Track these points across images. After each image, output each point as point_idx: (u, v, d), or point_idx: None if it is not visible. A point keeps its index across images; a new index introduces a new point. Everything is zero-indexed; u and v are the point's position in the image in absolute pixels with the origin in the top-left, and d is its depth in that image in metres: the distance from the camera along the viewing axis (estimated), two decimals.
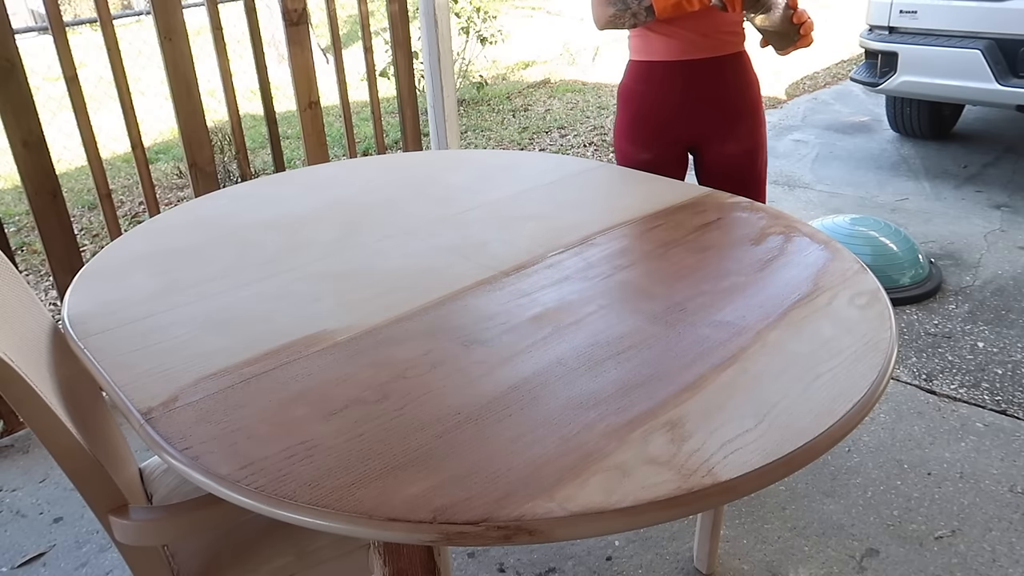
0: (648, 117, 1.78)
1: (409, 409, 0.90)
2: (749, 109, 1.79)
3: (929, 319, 2.57)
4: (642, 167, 1.83)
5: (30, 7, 10.39)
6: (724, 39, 1.72)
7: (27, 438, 2.19)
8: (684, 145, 1.82)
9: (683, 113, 1.76)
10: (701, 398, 0.91)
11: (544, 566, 1.69)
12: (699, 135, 1.79)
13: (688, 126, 1.78)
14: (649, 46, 1.75)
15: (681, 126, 1.78)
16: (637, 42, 1.77)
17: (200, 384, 0.97)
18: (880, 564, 1.65)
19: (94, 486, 0.99)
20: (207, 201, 1.63)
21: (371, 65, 2.66)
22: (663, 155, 1.81)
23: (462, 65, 6.27)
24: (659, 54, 1.74)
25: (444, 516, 0.74)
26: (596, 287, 1.18)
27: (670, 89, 1.75)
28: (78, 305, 1.20)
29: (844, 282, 1.16)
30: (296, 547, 1.15)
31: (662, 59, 1.74)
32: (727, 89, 1.76)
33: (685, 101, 1.75)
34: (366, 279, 1.24)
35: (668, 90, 1.75)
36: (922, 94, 3.75)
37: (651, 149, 1.81)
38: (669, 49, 1.72)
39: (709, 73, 1.74)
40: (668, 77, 1.74)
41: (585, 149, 4.76)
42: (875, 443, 2.00)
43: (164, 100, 6.36)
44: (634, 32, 1.77)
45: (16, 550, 1.80)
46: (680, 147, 1.82)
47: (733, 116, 1.78)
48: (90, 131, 2.12)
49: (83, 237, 3.83)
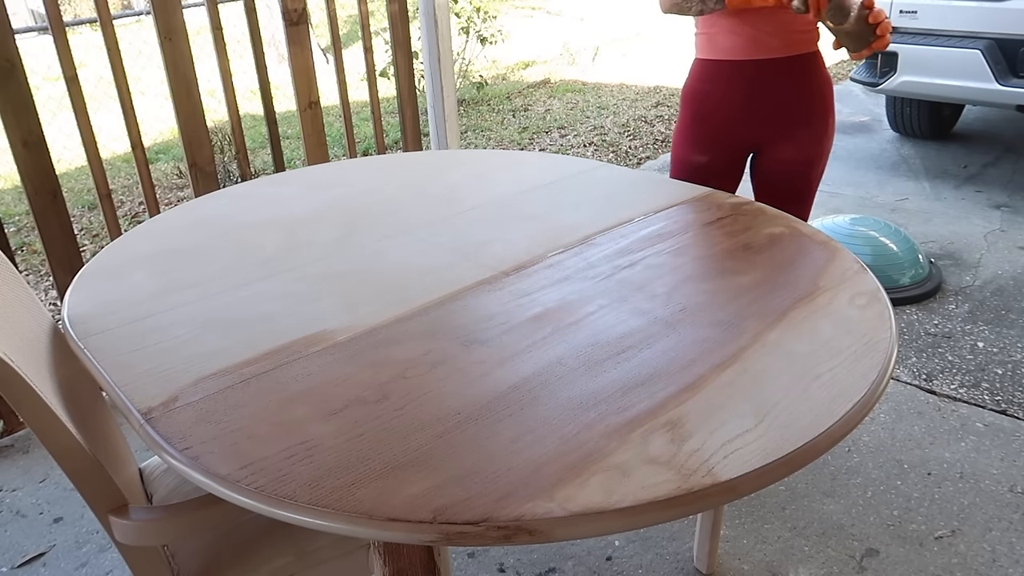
0: (709, 118, 1.72)
1: (409, 409, 0.90)
2: (819, 114, 1.70)
3: (929, 319, 2.57)
4: (696, 172, 1.76)
5: (30, 7, 10.39)
6: (796, 38, 1.64)
7: (27, 438, 2.19)
8: (744, 149, 1.75)
9: (747, 115, 1.69)
10: (701, 398, 0.91)
11: (544, 566, 1.69)
12: (761, 139, 1.72)
13: (750, 129, 1.71)
14: (715, 44, 1.67)
15: (743, 128, 1.71)
16: (703, 40, 1.70)
17: (200, 384, 0.97)
18: (880, 564, 1.65)
19: (94, 486, 0.98)
20: (207, 201, 1.63)
21: (371, 65, 2.66)
22: (719, 159, 1.74)
23: (462, 65, 6.27)
24: (725, 52, 1.66)
25: (444, 516, 0.74)
26: (596, 287, 1.18)
27: (735, 89, 1.67)
28: (78, 305, 1.20)
29: (844, 282, 1.16)
30: (296, 547, 1.15)
31: (728, 58, 1.66)
32: (797, 91, 1.67)
33: (750, 102, 1.68)
34: (366, 279, 1.24)
35: (733, 90, 1.68)
36: (922, 94, 3.75)
37: (707, 152, 1.74)
38: (736, 47, 1.64)
39: (778, 74, 1.65)
40: (734, 76, 1.67)
41: (585, 149, 4.76)
42: (875, 443, 2.00)
43: (164, 100, 6.36)
44: (700, 29, 1.70)
45: (16, 550, 1.80)
46: (739, 151, 1.75)
47: (799, 121, 1.69)
48: (90, 131, 2.12)
49: (83, 237, 3.83)
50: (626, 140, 4.88)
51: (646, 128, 5.10)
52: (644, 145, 4.77)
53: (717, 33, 1.66)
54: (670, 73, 6.66)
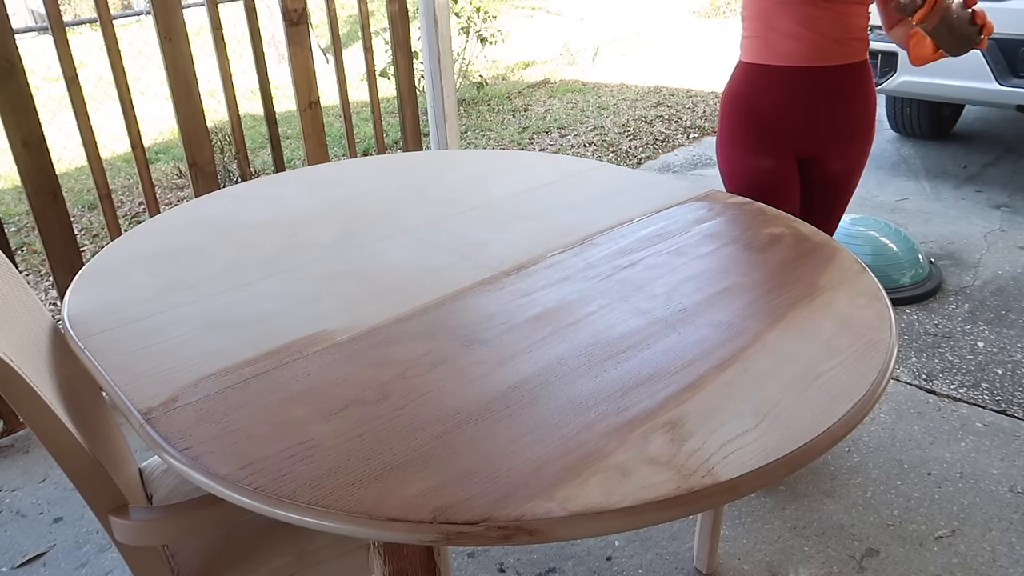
0: (766, 124, 1.63)
1: (409, 409, 0.90)
2: (868, 125, 1.66)
3: (929, 319, 2.57)
4: (765, 177, 1.66)
5: (30, 7, 10.39)
6: (853, 45, 1.57)
7: (27, 438, 2.19)
8: (799, 156, 1.68)
9: (804, 123, 1.62)
10: (701, 398, 0.91)
11: (544, 566, 1.69)
12: (814, 148, 1.66)
13: (807, 137, 1.64)
14: (771, 47, 1.59)
15: (800, 136, 1.64)
16: (756, 43, 1.62)
17: (200, 384, 0.97)
18: (880, 564, 1.65)
19: (94, 486, 0.98)
20: (207, 201, 1.63)
21: (371, 65, 2.66)
22: (786, 164, 1.66)
23: (462, 65, 6.27)
24: (782, 57, 1.58)
25: (444, 516, 0.74)
26: (596, 287, 1.18)
27: (794, 96, 1.60)
28: (78, 305, 1.20)
29: (844, 282, 1.16)
30: (296, 547, 1.15)
31: (787, 63, 1.58)
32: (851, 102, 1.61)
33: (809, 111, 1.61)
34: (366, 279, 1.24)
35: (791, 97, 1.60)
36: (922, 94, 3.75)
37: (773, 156, 1.65)
38: (797, 52, 1.57)
39: (836, 82, 1.59)
40: (791, 83, 1.59)
41: (585, 149, 4.76)
42: (875, 443, 2.00)
43: (164, 100, 6.36)
44: (752, 32, 1.62)
45: (16, 550, 1.80)
46: (795, 159, 1.67)
47: (850, 132, 1.64)
48: (90, 131, 2.12)
49: (83, 237, 3.83)
50: (626, 140, 4.88)
51: (646, 128, 5.10)
52: (644, 145, 4.77)
53: (774, 37, 1.58)
54: (670, 73, 6.66)
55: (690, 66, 6.90)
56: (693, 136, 4.87)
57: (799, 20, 1.54)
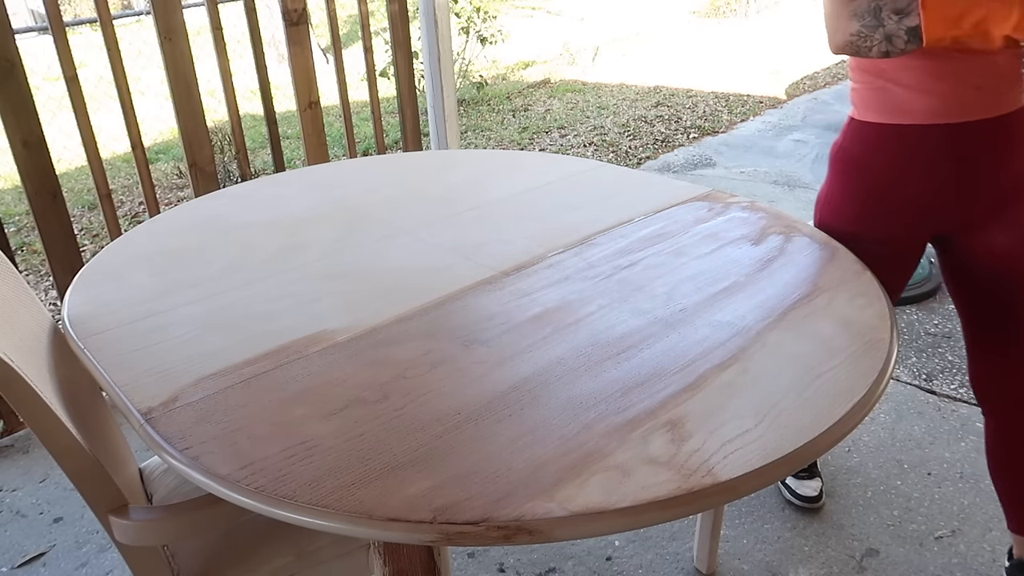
0: (885, 197, 1.33)
1: (409, 409, 0.90)
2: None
3: (929, 319, 2.57)
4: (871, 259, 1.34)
5: (30, 7, 10.39)
6: (1005, 91, 1.23)
7: (27, 438, 2.19)
8: (932, 233, 1.36)
9: (941, 195, 1.29)
10: (701, 398, 0.91)
11: (544, 566, 1.69)
12: (958, 223, 1.32)
13: (945, 212, 1.31)
14: (892, 102, 1.27)
15: (934, 211, 1.32)
16: (872, 95, 1.29)
17: (200, 384, 0.97)
18: (880, 564, 1.65)
19: (94, 486, 0.99)
20: (207, 201, 1.63)
21: (371, 65, 2.66)
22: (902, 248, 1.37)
23: (462, 65, 6.27)
24: (911, 115, 1.26)
25: (444, 516, 0.74)
26: (596, 287, 1.18)
27: (926, 162, 1.27)
28: (78, 305, 1.20)
29: (844, 282, 1.16)
30: (296, 547, 1.15)
31: (916, 122, 1.26)
32: (1010, 161, 1.26)
33: (948, 180, 1.28)
34: (366, 279, 1.24)
35: (922, 164, 1.28)
36: None
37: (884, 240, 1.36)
38: (929, 108, 1.24)
39: (985, 140, 1.25)
40: (924, 146, 1.27)
41: (585, 149, 4.76)
42: (875, 443, 2.00)
43: (164, 100, 6.36)
44: (866, 81, 1.30)
45: (16, 550, 1.80)
46: (923, 237, 1.37)
47: (1011, 196, 1.29)
48: (90, 131, 2.12)
49: (83, 237, 3.83)
50: (626, 140, 4.88)
51: (646, 128, 5.10)
52: (644, 145, 4.77)
53: (896, 88, 1.26)
54: (670, 73, 6.66)
55: (690, 66, 6.90)
56: (693, 136, 4.87)
57: (929, 67, 1.23)
